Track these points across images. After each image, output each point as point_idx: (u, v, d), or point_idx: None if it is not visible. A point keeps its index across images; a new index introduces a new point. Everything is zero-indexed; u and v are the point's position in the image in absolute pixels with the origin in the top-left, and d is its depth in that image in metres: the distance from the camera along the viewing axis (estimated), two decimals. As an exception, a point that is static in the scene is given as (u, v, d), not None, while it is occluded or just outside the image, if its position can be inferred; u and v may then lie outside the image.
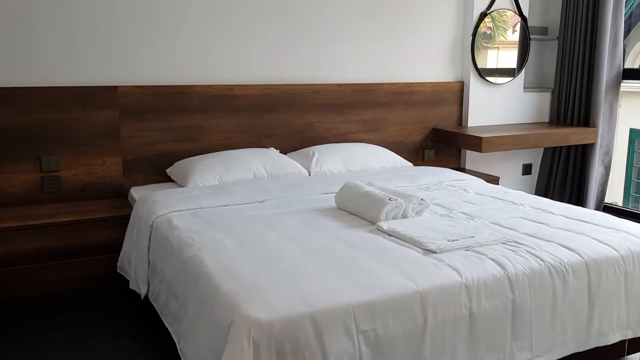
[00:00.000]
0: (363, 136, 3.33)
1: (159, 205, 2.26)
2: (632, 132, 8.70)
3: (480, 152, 3.16)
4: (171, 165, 2.85)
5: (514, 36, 3.60)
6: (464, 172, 3.41)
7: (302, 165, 2.89)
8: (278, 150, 3.04)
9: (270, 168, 2.77)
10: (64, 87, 2.61)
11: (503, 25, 3.54)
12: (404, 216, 2.12)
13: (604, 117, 3.49)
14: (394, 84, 3.37)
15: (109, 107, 2.71)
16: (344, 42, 3.22)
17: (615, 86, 3.50)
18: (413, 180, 2.77)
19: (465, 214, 2.23)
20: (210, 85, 2.91)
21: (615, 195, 7.54)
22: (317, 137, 3.20)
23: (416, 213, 2.16)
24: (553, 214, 2.25)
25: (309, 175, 2.85)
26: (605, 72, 3.41)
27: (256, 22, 2.98)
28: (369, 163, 3.03)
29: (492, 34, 3.51)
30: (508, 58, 3.64)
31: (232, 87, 2.96)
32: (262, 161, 2.79)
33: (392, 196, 2.12)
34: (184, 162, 2.79)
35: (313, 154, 2.97)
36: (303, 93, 3.13)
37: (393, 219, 2.09)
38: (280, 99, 3.08)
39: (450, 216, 2.18)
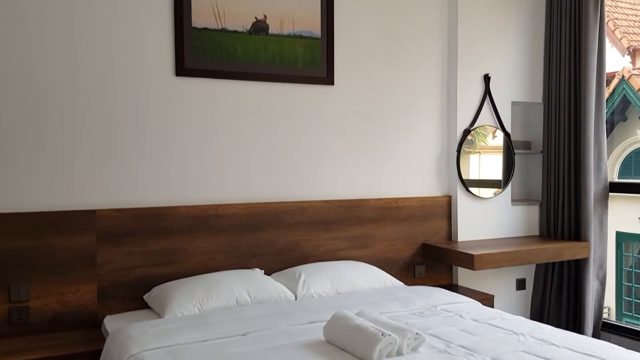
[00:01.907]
0: (351, 253, 3.22)
1: (131, 342, 2.08)
2: (619, 235, 8.68)
3: (473, 269, 3.06)
4: (149, 290, 2.69)
5: (498, 151, 3.62)
6: (457, 290, 3.28)
7: (288, 288, 2.74)
8: (263, 271, 2.91)
9: (254, 293, 2.62)
10: (38, 213, 2.51)
11: (486, 140, 3.57)
12: (399, 353, 1.96)
13: (594, 230, 3.44)
14: (381, 199, 3.32)
15: (85, 232, 2.59)
16: (330, 159, 3.20)
17: (603, 199, 3.48)
18: (405, 304, 2.63)
19: (464, 347, 2.07)
20: (193, 206, 2.83)
21: (607, 299, 7.35)
22: (303, 255, 3.09)
23: (412, 349, 2.01)
24: (557, 346, 2.11)
25: (296, 299, 2.70)
26: (593, 186, 3.40)
27: (240, 140, 2.97)
28: (358, 284, 2.90)
29: (475, 144, 3.54)
30: (494, 171, 3.64)
31: (216, 207, 2.88)
32: (246, 285, 2.64)
33: (385, 331, 1.98)
34: (163, 287, 2.64)
35: (300, 275, 2.84)
36: (289, 210, 3.06)
37: (387, 357, 1.93)
38: (266, 217, 3.00)
39: (448, 351, 2.03)
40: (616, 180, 8.20)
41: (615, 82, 8.71)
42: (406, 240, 3.39)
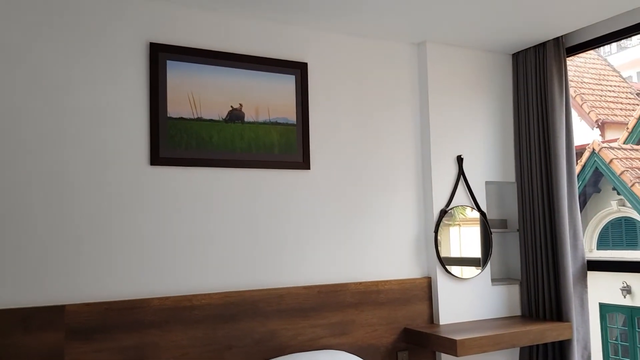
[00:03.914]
0: (332, 341, 3.13)
1: None
2: (602, 306, 8.62)
3: (456, 355, 2.98)
4: (119, 389, 2.56)
5: (475, 231, 3.64)
6: (441, 377, 3.19)
7: (266, 383, 2.63)
8: (239, 364, 2.80)
9: (229, 390, 2.50)
10: (5, 310, 2.41)
11: (463, 219, 3.59)
12: None
13: (576, 310, 3.41)
14: (360, 283, 3.27)
15: (53, 329, 2.49)
16: (308, 244, 3.17)
17: (582, 278, 3.47)
18: (387, 396, 2.53)
19: None
20: (167, 297, 2.75)
21: (597, 375, 7.19)
22: (282, 345, 2.99)
23: None
24: None
25: (273, 395, 2.58)
26: (571, 265, 3.40)
27: (215, 227, 2.94)
28: (339, 375, 2.80)
29: (455, 217, 3.55)
30: (472, 249, 3.64)
31: (190, 298, 2.80)
32: (221, 382, 2.53)
33: None
34: (134, 386, 2.51)
35: (277, 368, 2.73)
36: (266, 298, 2.99)
37: None
38: (242, 307, 2.92)
39: None
40: (595, 253, 8.27)
41: (586, 155, 8.95)
42: (387, 325, 3.31)
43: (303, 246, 3.16)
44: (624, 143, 9.29)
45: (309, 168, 3.21)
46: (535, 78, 3.61)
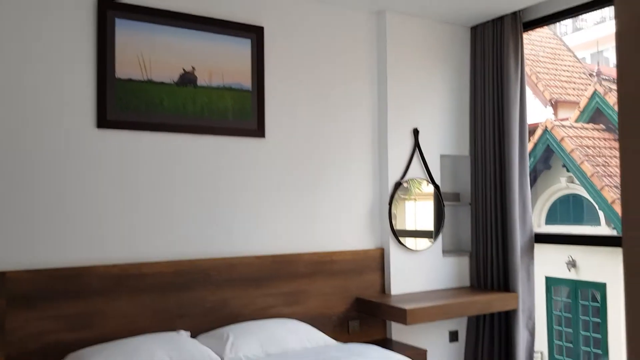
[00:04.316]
0: (284, 310, 3.13)
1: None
2: (548, 279, 8.95)
3: (406, 324, 3.02)
4: (63, 358, 2.48)
5: (430, 199, 3.67)
6: (391, 345, 3.24)
7: (215, 351, 2.60)
8: (189, 333, 2.76)
9: (177, 358, 2.46)
10: (-63, 277, 2.30)
11: (417, 191, 3.62)
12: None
13: (522, 281, 3.51)
14: (314, 253, 3.27)
15: (-9, 296, 2.38)
16: (261, 213, 3.14)
17: (529, 250, 3.57)
18: (337, 365, 2.54)
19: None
20: (113, 265, 2.67)
21: (540, 344, 7.51)
22: (233, 314, 2.97)
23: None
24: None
25: (223, 363, 2.56)
26: (519, 238, 3.48)
27: (166, 194, 2.86)
28: (290, 344, 2.79)
29: (410, 191, 3.57)
30: (425, 222, 3.68)
31: (139, 266, 2.73)
32: (169, 350, 2.48)
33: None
34: (77, 355, 2.44)
35: (227, 337, 2.70)
36: (218, 267, 2.95)
37: None
38: (193, 275, 2.87)
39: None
40: (543, 228, 8.53)
41: (539, 132, 9.15)
42: (340, 295, 3.33)
43: (257, 216, 3.12)
44: (575, 122, 9.56)
45: (263, 136, 3.15)
46: (493, 52, 3.63)
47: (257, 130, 3.13)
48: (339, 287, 3.33)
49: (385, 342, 3.30)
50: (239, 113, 3.08)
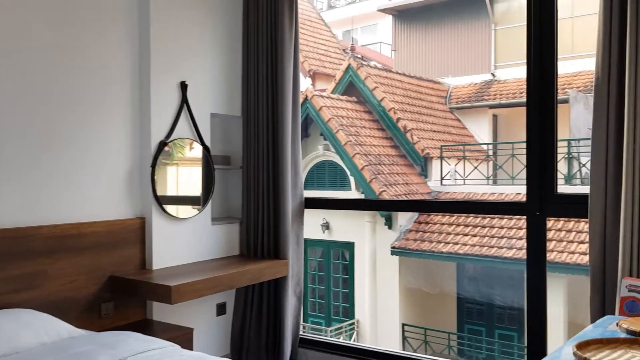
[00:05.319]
0: (14, 298, 2.50)
1: None
2: (306, 241, 9.38)
3: (170, 303, 2.67)
4: None
5: (197, 164, 3.33)
6: (152, 328, 2.86)
7: None
8: None
9: None
10: None
11: (184, 153, 3.25)
12: None
13: (292, 247, 3.43)
14: (56, 226, 2.67)
15: None
16: (-19, 177, 2.42)
17: (299, 216, 3.50)
18: (84, 362, 2.08)
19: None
20: None
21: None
22: (-62, 309, 2.24)
23: None
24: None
25: None
26: (290, 203, 3.38)
27: None
28: (22, 340, 2.21)
29: (173, 156, 3.18)
30: (193, 188, 3.34)
31: None
32: None
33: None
34: None
35: None
36: None
37: None
38: None
39: None
40: (310, 194, 8.84)
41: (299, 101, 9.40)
42: (89, 275, 2.80)
43: (-26, 179, 2.40)
44: (332, 93, 10.10)
45: None
46: (267, 10, 3.38)
47: (-25, 67, 2.38)
48: (88, 266, 2.80)
49: (146, 325, 2.91)
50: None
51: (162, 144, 3.08)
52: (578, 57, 9.17)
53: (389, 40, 15.10)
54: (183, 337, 2.82)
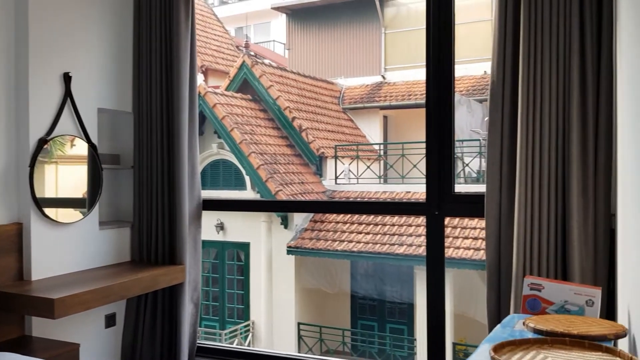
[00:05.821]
0: None
1: None
2: (203, 243, 9.09)
3: (54, 318, 2.41)
4: None
5: (83, 164, 3.05)
6: (32, 345, 2.58)
7: None
8: None
9: None
10: None
11: (66, 151, 2.96)
12: None
13: (189, 252, 3.25)
14: None
15: None
16: None
17: (197, 218, 3.32)
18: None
19: None
20: None
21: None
22: None
23: None
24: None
25: None
26: (187, 205, 3.20)
27: None
28: None
29: (52, 154, 2.89)
30: (77, 190, 3.06)
31: None
32: None
33: None
34: None
35: None
36: None
37: None
38: None
39: None
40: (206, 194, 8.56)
41: (192, 97, 9.09)
42: (-46, 289, 2.46)
43: None
44: (226, 90, 9.88)
45: None
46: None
47: None
48: (-47, 279, 2.45)
49: (24, 343, 2.61)
50: None
51: (42, 142, 2.78)
52: (461, 62, 9.72)
53: (282, 39, 15.10)
54: (68, 354, 2.57)
